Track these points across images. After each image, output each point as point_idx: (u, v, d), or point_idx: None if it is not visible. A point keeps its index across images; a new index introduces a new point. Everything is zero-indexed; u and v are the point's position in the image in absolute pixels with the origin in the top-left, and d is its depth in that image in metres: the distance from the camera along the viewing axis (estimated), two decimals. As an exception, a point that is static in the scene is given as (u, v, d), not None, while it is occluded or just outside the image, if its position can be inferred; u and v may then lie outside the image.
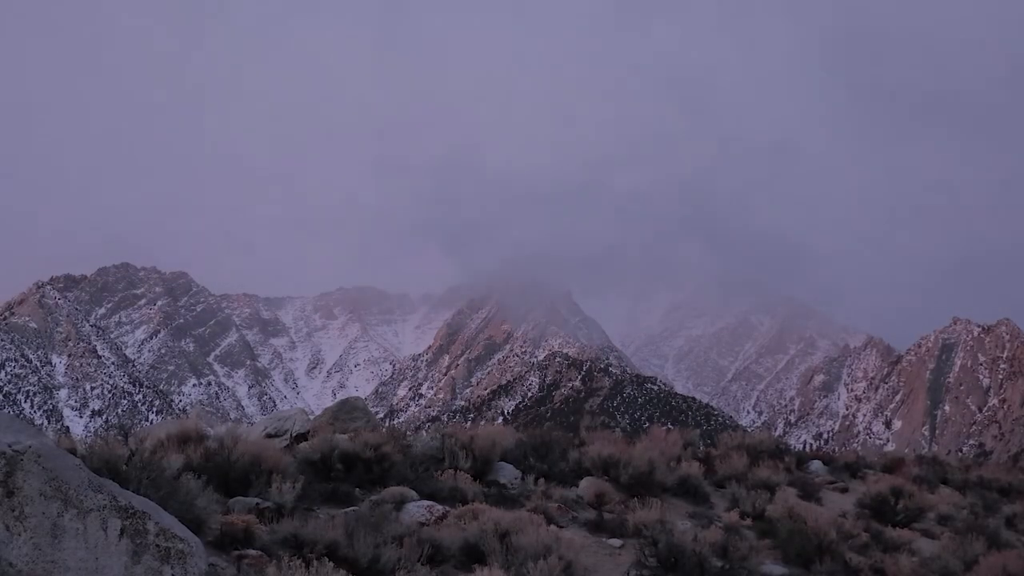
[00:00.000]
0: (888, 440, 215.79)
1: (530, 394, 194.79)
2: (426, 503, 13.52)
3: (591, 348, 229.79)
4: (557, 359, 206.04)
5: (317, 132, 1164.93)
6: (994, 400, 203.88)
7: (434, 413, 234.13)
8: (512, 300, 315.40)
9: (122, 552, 7.32)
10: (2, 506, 6.90)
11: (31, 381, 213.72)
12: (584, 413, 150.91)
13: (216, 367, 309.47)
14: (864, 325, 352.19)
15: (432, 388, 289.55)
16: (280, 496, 12.17)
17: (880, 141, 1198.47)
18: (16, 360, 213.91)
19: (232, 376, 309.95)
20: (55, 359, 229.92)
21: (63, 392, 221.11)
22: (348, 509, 12.73)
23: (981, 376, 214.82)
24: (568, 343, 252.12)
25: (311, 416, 20.88)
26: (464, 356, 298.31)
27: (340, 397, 30.08)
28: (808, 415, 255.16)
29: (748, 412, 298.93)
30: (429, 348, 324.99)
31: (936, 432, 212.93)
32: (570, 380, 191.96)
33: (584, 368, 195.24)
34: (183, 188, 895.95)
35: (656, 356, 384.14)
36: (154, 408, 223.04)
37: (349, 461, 14.88)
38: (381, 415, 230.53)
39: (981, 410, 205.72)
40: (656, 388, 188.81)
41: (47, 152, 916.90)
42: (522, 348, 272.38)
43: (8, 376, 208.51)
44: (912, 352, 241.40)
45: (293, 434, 18.89)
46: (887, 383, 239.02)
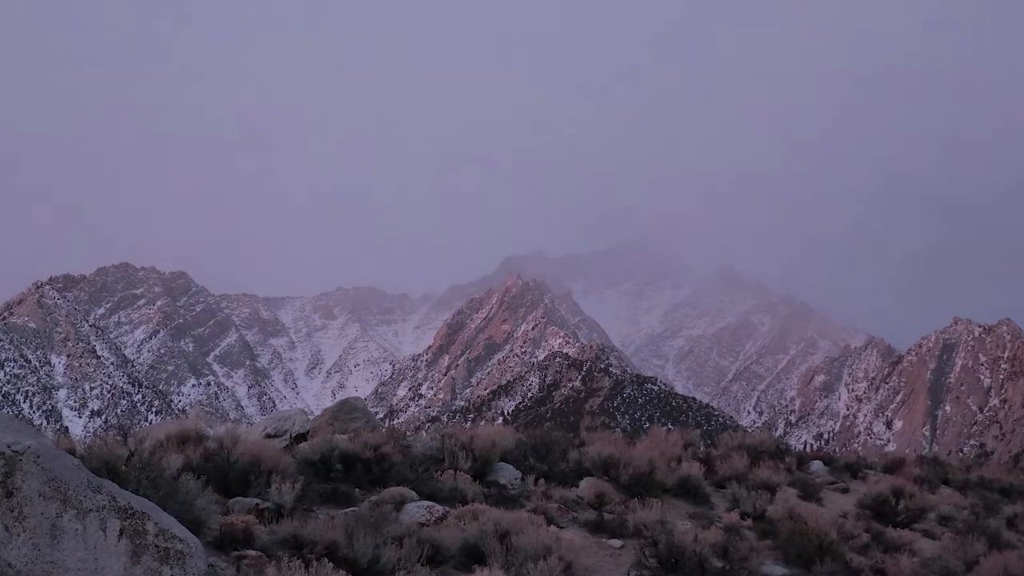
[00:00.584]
0: (889, 440, 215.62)
1: (530, 394, 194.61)
2: (426, 503, 13.50)
3: (591, 348, 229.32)
4: (557, 359, 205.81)
5: (317, 132, 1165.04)
6: (995, 400, 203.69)
7: (434, 413, 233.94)
8: (512, 300, 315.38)
9: (121, 553, 7.31)
10: (1, 507, 6.88)
11: (30, 381, 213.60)
12: (584, 413, 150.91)
13: (215, 367, 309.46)
14: (865, 325, 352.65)
15: (432, 388, 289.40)
16: (280, 496, 12.16)
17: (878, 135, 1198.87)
18: (15, 360, 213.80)
19: (231, 376, 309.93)
20: (54, 359, 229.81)
21: (62, 392, 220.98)
22: (348, 509, 12.71)
23: (982, 376, 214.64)
24: (568, 343, 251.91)
25: (311, 416, 20.87)
26: (464, 356, 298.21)
27: (340, 397, 30.09)
28: (809, 415, 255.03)
29: (748, 412, 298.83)
30: (429, 348, 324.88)
31: (937, 432, 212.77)
32: (570, 380, 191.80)
33: (584, 368, 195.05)
34: (183, 188, 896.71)
35: (656, 356, 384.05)
36: (153, 408, 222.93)
37: (349, 461, 14.87)
38: (381, 415, 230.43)
39: (982, 410, 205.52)
40: (656, 388, 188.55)
41: (46, 152, 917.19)
42: (522, 348, 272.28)
43: (7, 376, 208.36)
44: (913, 352, 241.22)
45: (293, 434, 18.88)
46: (888, 383, 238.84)
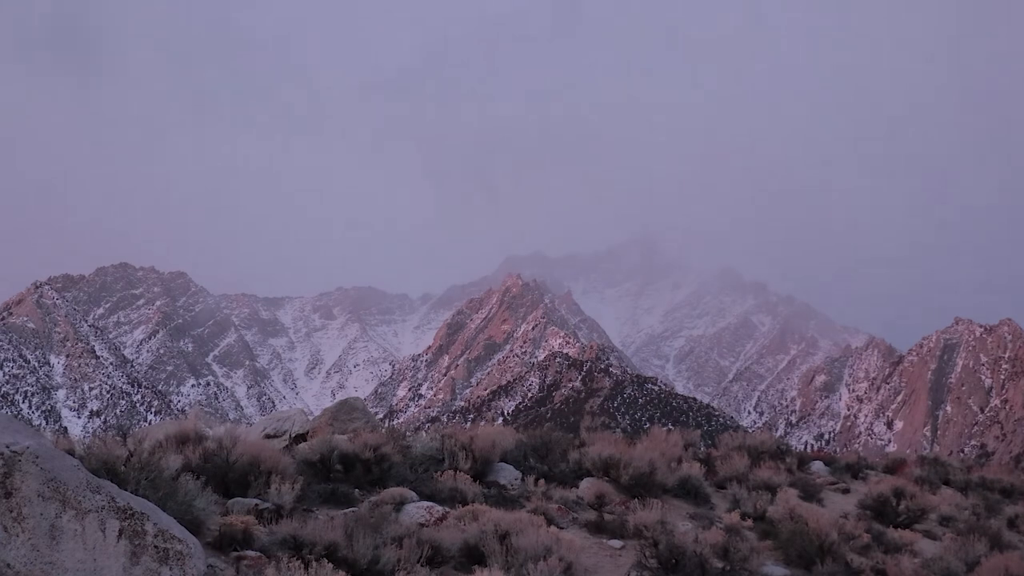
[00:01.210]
0: (890, 441, 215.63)
1: (530, 394, 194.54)
2: (426, 504, 13.49)
3: (591, 348, 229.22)
4: (557, 359, 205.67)
5: (316, 132, 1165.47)
6: (996, 401, 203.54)
7: (434, 414, 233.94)
8: (512, 300, 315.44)
9: (120, 553, 7.30)
10: (0, 507, 6.86)
11: (29, 381, 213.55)
12: (584, 414, 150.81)
13: (215, 367, 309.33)
14: (865, 325, 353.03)
15: (432, 388, 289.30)
16: (279, 497, 12.15)
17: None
18: (14, 360, 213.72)
19: (231, 376, 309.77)
20: (53, 359, 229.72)
21: (61, 392, 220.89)
22: (347, 510, 12.70)
23: (983, 376, 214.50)
24: (568, 343, 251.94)
25: (310, 417, 20.88)
26: (464, 356, 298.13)
27: (339, 398, 30.07)
28: (809, 416, 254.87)
29: (749, 413, 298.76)
30: (429, 348, 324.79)
31: (938, 433, 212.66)
32: (570, 380, 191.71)
33: (584, 368, 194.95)
34: (182, 188, 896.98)
35: (657, 356, 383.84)
36: (152, 409, 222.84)
37: (348, 462, 14.85)
38: (380, 416, 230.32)
39: (983, 411, 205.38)
40: (657, 388, 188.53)
41: (46, 151, 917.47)
42: (522, 348, 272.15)
43: (6, 376, 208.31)
44: (914, 352, 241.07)
45: (292, 435, 18.88)
46: (888, 383, 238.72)
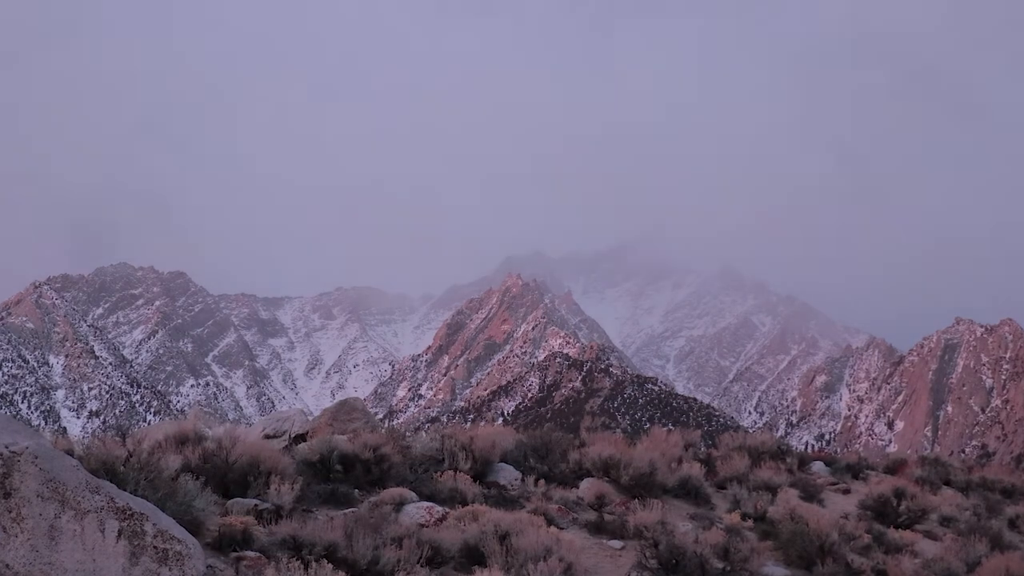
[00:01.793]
0: (890, 441, 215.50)
1: (530, 395, 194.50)
2: (425, 504, 13.47)
3: (591, 348, 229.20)
4: (557, 359, 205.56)
5: (316, 131, 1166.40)
6: (997, 401, 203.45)
7: (433, 414, 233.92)
8: (512, 300, 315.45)
9: (120, 554, 7.29)
10: (-2, 508, 6.85)
11: (28, 382, 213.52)
12: (584, 414, 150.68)
13: (214, 367, 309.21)
14: (866, 325, 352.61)
15: (431, 389, 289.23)
16: (279, 497, 12.14)
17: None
18: (13, 360, 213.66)
19: (230, 377, 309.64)
20: (52, 359, 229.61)
21: (60, 393, 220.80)
22: (347, 510, 12.69)
23: (984, 377, 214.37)
24: (568, 343, 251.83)
25: (310, 417, 20.84)
26: (464, 356, 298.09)
27: (339, 398, 30.02)
28: (810, 416, 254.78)
29: (749, 413, 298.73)
30: (428, 348, 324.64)
31: (939, 433, 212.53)
32: (570, 381, 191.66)
33: (584, 369, 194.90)
34: (181, 187, 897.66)
35: (657, 356, 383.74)
36: (152, 409, 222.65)
37: (348, 462, 14.84)
38: (380, 416, 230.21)
39: (984, 411, 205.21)
40: (657, 389, 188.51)
41: (44, 151, 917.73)
42: (522, 348, 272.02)
43: (5, 377, 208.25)
44: (914, 352, 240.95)
45: (292, 435, 18.85)
46: (889, 384, 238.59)
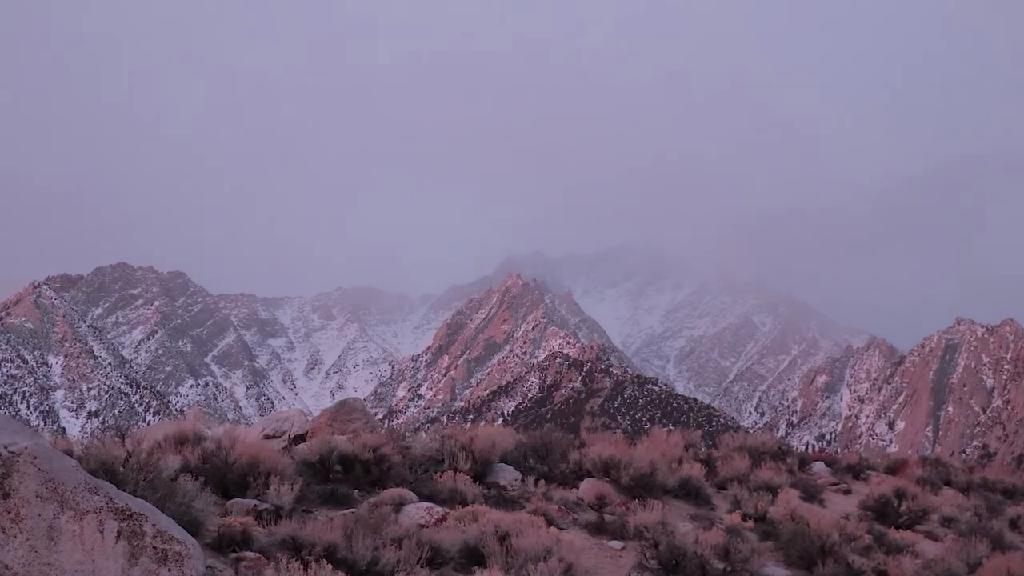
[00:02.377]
0: (891, 441, 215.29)
1: (530, 395, 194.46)
2: (425, 505, 13.46)
3: (592, 348, 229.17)
4: (557, 360, 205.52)
5: (315, 132, 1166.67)
6: (998, 401, 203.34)
7: (433, 414, 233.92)
8: (512, 300, 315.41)
9: (119, 554, 7.27)
10: (-3, 508, 6.83)
11: (27, 382, 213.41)
12: (585, 414, 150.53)
13: (214, 368, 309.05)
14: (867, 325, 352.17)
15: (431, 389, 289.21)
16: (278, 498, 12.12)
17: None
18: (12, 361, 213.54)
19: (230, 377, 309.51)
20: (51, 360, 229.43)
21: (59, 393, 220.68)
22: (347, 511, 12.67)
23: (985, 377, 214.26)
24: (568, 343, 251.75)
25: (309, 417, 20.81)
26: (464, 357, 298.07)
27: (339, 398, 29.97)
28: (810, 416, 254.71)
29: (750, 413, 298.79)
30: (428, 349, 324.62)
31: (939, 433, 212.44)
32: (570, 381, 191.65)
33: (585, 369, 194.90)
34: (180, 187, 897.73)
35: (657, 357, 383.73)
36: (151, 409, 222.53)
37: (348, 462, 14.82)
38: (380, 416, 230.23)
39: (985, 411, 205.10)
40: (657, 389, 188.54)
41: (43, 150, 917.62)
42: (522, 349, 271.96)
43: (4, 377, 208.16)
44: (915, 353, 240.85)
45: (291, 435, 18.82)
46: (890, 384, 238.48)
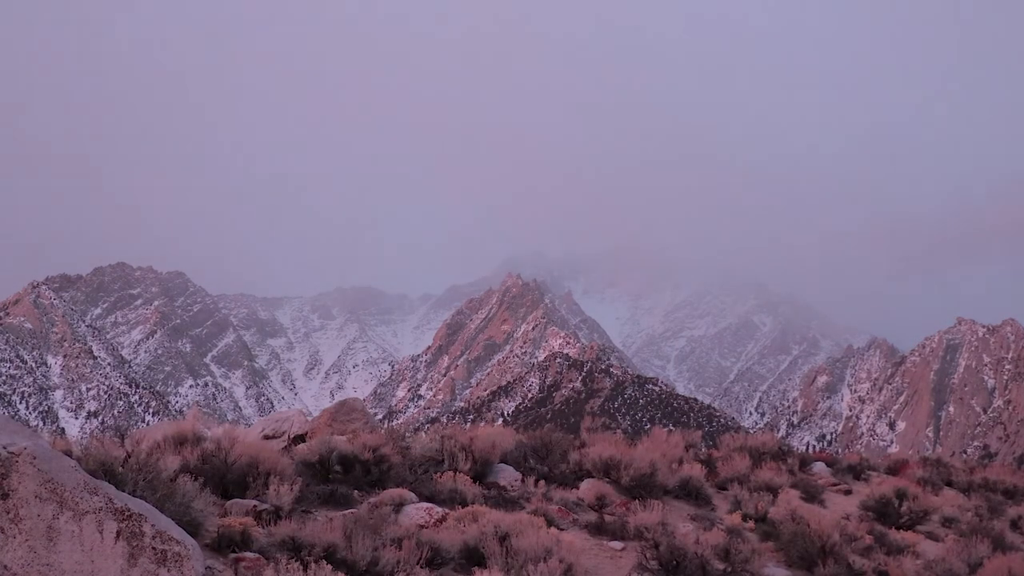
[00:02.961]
0: (892, 442, 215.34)
1: (530, 395, 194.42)
2: (425, 505, 13.44)
3: (592, 349, 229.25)
4: (557, 360, 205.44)
5: (315, 132, 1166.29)
6: (999, 401, 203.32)
7: (433, 414, 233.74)
8: (512, 300, 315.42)
9: (118, 555, 7.25)
10: (-5, 509, 6.81)
11: (26, 382, 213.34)
12: (585, 414, 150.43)
13: (213, 368, 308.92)
14: (867, 325, 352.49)
15: (431, 389, 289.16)
16: (278, 498, 12.10)
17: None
18: (11, 361, 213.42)
19: (229, 377, 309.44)
20: (50, 360, 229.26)
21: (58, 393, 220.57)
22: (346, 511, 12.64)
23: (986, 377, 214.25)
24: (568, 344, 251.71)
25: (309, 417, 20.78)
26: (463, 357, 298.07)
27: (338, 398, 29.96)
28: (811, 416, 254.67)
29: (750, 413, 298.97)
30: (428, 349, 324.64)
31: (940, 433, 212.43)
32: (571, 381, 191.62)
33: (585, 369, 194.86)
34: (180, 187, 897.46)
35: (657, 357, 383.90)
36: (150, 409, 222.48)
37: (347, 463, 14.80)
38: (380, 416, 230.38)
39: (986, 411, 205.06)
40: (657, 389, 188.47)
41: (42, 150, 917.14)
42: (522, 349, 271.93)
43: (3, 377, 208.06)
44: (916, 353, 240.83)
45: (291, 435, 18.79)
46: (891, 384, 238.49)
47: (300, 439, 18.34)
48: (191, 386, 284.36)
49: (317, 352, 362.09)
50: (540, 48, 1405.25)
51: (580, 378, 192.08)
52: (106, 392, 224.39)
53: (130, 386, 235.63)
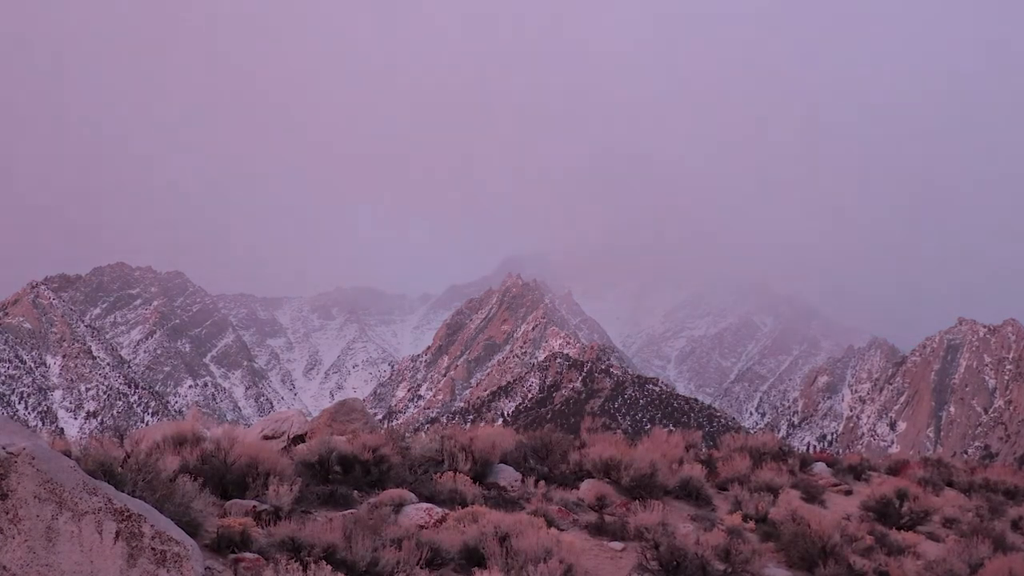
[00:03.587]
0: (892, 442, 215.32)
1: (530, 395, 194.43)
2: (425, 505, 13.43)
3: (592, 349, 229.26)
4: (558, 360, 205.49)
5: (315, 131, 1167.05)
6: (1000, 401, 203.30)
7: (433, 414, 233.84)
8: (512, 300, 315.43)
9: (117, 555, 7.24)
10: (-6, 509, 6.80)
11: (25, 382, 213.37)
12: (585, 414, 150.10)
13: (212, 368, 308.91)
14: (868, 325, 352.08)
15: (431, 389, 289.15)
16: (277, 498, 12.09)
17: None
18: (10, 361, 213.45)
19: (229, 377, 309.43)
20: (50, 360, 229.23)
21: (58, 393, 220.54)
22: (346, 512, 12.63)
23: (987, 377, 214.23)
24: (569, 344, 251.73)
25: (309, 417, 20.77)
26: (463, 357, 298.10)
27: (338, 398, 29.95)
28: (812, 416, 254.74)
29: (751, 413, 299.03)
30: (428, 349, 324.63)
31: (941, 434, 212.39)
32: (571, 381, 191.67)
33: (585, 369, 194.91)
34: (180, 187, 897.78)
35: (658, 357, 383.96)
36: (150, 410, 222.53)
37: (347, 463, 14.79)
38: (379, 416, 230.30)
39: (987, 411, 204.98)
40: (658, 389, 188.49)
41: (42, 150, 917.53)
42: (522, 349, 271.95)
43: (2, 377, 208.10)
44: (917, 353, 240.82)
45: (291, 436, 18.78)
46: (891, 384, 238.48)
47: (300, 439, 18.32)
48: (190, 386, 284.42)
49: (317, 352, 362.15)
50: (540, 48, 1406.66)
51: (580, 378, 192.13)
52: (105, 392, 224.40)
53: (129, 386, 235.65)
